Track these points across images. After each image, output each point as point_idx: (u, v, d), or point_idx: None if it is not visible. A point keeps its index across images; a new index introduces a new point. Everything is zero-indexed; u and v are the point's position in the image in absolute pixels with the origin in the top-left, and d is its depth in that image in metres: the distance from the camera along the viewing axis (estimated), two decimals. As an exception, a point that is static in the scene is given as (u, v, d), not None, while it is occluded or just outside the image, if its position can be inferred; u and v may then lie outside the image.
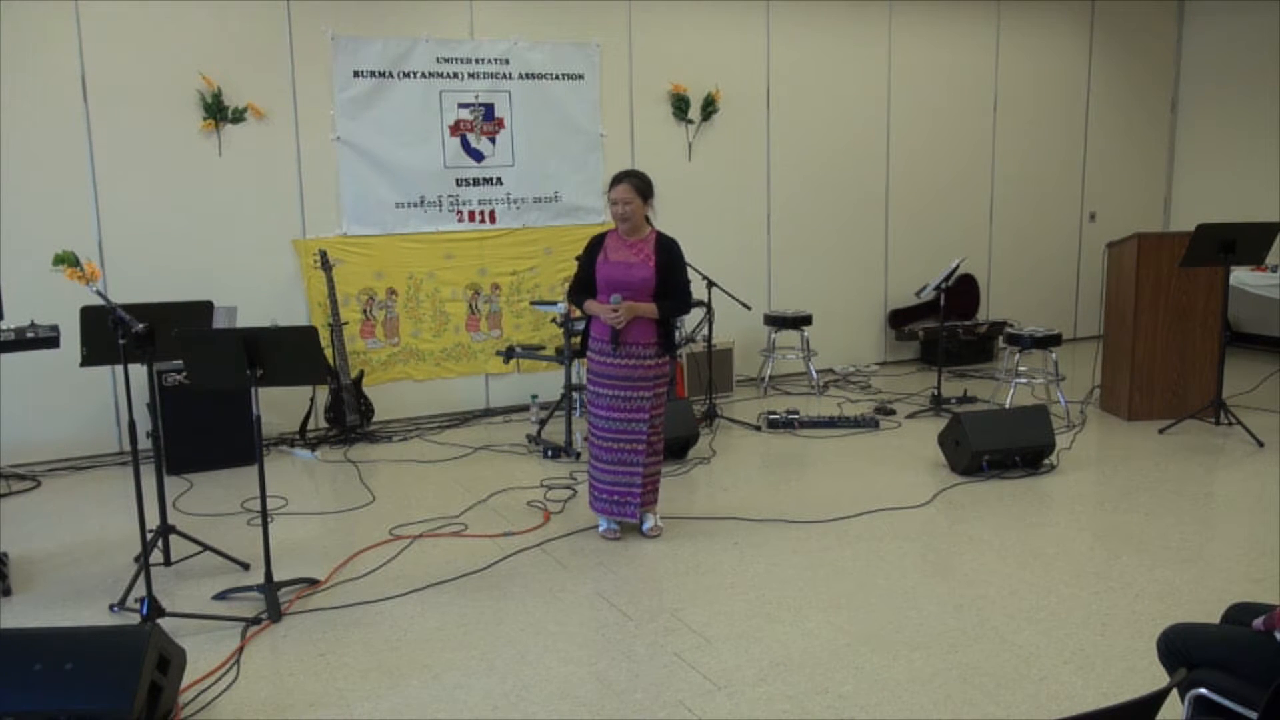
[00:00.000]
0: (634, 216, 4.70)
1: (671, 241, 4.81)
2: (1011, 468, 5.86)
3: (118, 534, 5.06)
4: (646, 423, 4.78)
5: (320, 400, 6.82)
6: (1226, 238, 6.27)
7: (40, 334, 4.97)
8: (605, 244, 4.80)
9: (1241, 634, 2.79)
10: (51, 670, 3.06)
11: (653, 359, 4.76)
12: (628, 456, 4.81)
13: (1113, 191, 9.86)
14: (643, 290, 4.68)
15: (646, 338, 4.73)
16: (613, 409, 4.77)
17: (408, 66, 6.94)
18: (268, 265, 6.74)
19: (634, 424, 4.77)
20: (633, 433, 4.78)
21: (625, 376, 4.74)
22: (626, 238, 4.77)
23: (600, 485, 4.89)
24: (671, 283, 4.75)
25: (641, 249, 4.75)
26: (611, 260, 4.74)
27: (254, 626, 4.01)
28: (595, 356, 4.79)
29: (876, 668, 3.63)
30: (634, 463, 4.82)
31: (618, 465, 4.82)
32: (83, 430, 6.38)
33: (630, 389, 4.75)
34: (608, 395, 4.77)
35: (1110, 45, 9.64)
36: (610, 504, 4.88)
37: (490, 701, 3.44)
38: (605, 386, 4.77)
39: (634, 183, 4.70)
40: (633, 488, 4.83)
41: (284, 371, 4.03)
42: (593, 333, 4.82)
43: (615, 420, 4.78)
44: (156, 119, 6.35)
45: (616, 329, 4.65)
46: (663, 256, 4.73)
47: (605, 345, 4.72)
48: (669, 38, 7.74)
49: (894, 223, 8.89)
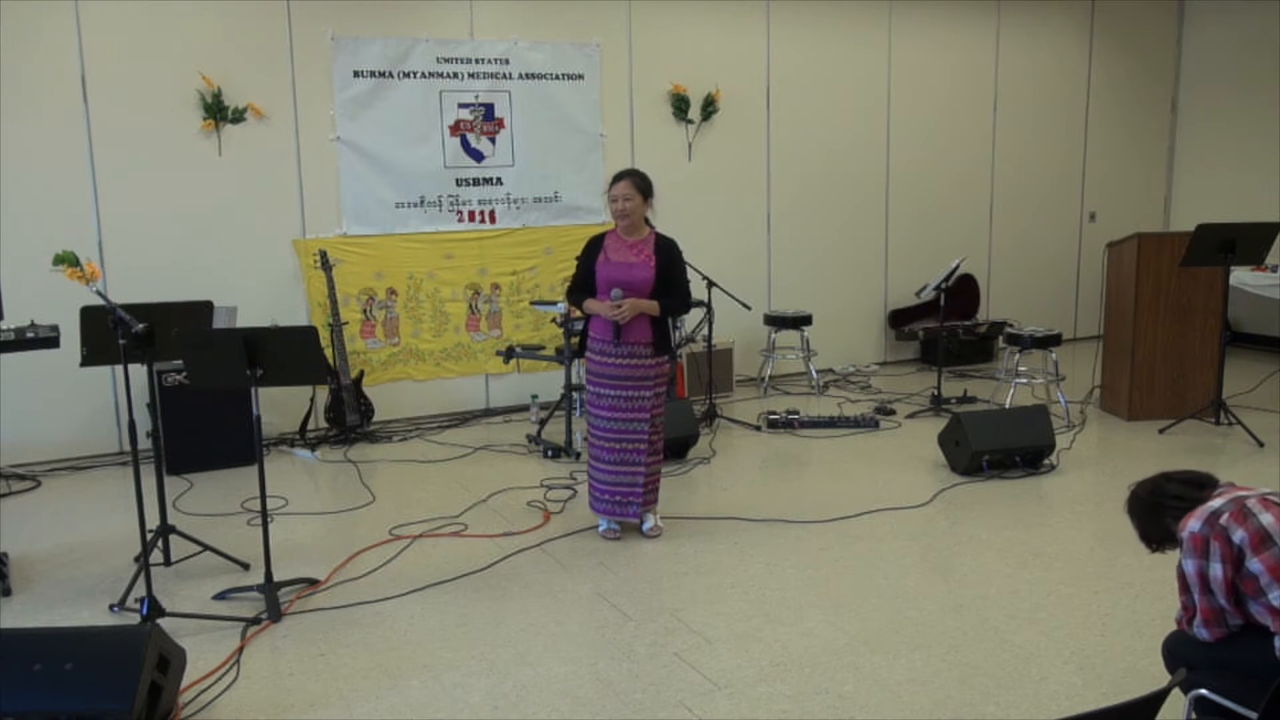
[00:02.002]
0: (634, 214, 4.70)
1: (670, 242, 4.83)
2: (1011, 468, 5.86)
3: (118, 534, 5.06)
4: (647, 422, 4.79)
5: (320, 400, 6.83)
6: (1226, 238, 6.27)
7: (40, 334, 4.97)
8: (605, 244, 4.79)
9: (1241, 636, 2.80)
10: (51, 670, 3.06)
11: (652, 358, 4.76)
12: (629, 456, 4.80)
13: (1113, 191, 9.86)
14: (643, 291, 4.69)
15: (647, 336, 4.73)
16: (614, 409, 4.77)
17: (408, 66, 6.94)
18: (268, 265, 6.74)
19: (635, 424, 4.77)
20: (634, 432, 4.78)
21: (626, 376, 4.74)
22: (626, 237, 4.77)
23: (601, 486, 4.88)
24: (672, 283, 4.76)
25: (641, 250, 4.75)
26: (612, 261, 4.74)
27: (254, 627, 4.01)
28: (595, 357, 4.79)
29: (876, 668, 3.63)
30: (635, 463, 4.81)
31: (619, 465, 4.82)
32: (83, 430, 6.38)
33: (632, 388, 4.75)
34: (609, 395, 4.76)
35: (1110, 45, 9.64)
36: (612, 504, 4.88)
37: (490, 701, 3.44)
38: (606, 386, 4.76)
39: (635, 181, 4.71)
40: (634, 488, 4.83)
41: (284, 371, 4.03)
42: (592, 332, 4.82)
43: (616, 420, 4.77)
44: (156, 119, 6.35)
45: (619, 326, 4.65)
46: (662, 257, 4.75)
47: (606, 345, 4.72)
48: (669, 38, 7.74)
49: (894, 222, 8.90)
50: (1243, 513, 2.78)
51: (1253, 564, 2.73)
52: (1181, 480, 3.00)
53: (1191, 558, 2.83)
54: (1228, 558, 2.76)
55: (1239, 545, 2.76)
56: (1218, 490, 2.93)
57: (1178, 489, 2.97)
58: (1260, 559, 2.71)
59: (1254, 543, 2.73)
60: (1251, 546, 2.73)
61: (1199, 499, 2.90)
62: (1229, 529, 2.77)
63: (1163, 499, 2.97)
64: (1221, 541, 2.77)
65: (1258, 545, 2.73)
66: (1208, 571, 2.80)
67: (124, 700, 3.01)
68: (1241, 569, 2.76)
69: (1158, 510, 2.98)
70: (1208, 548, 2.80)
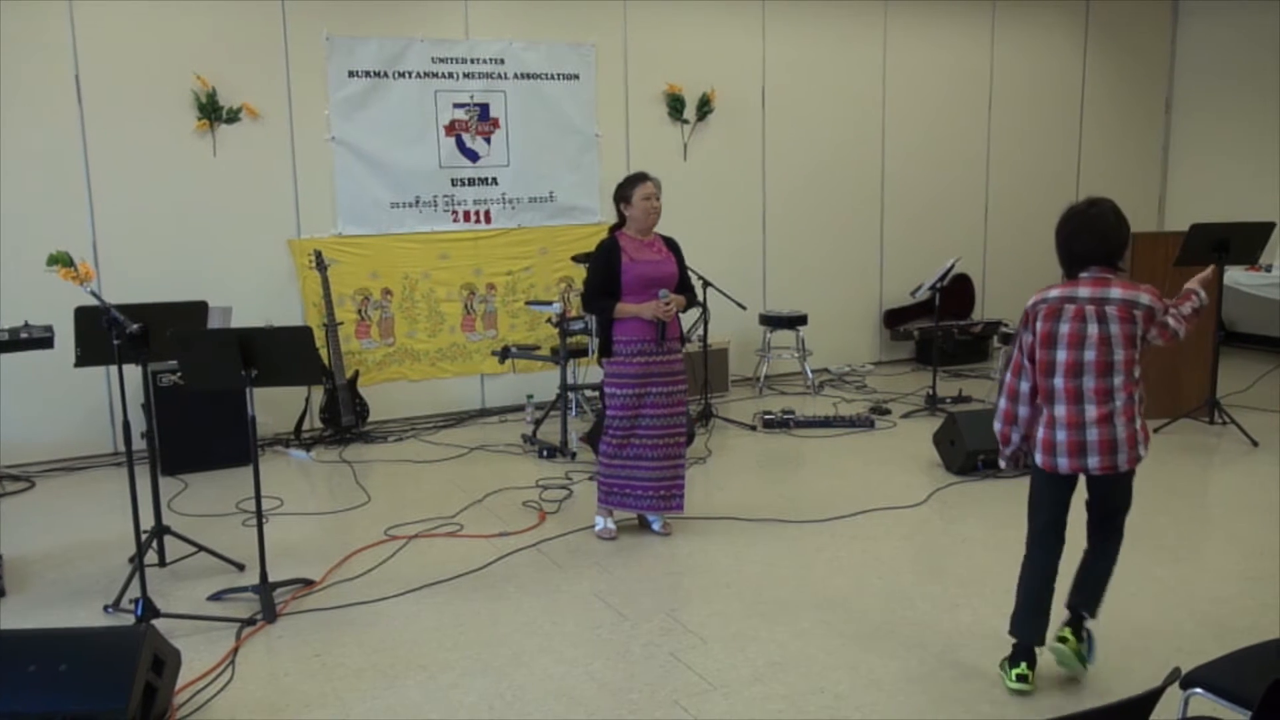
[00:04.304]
0: (660, 212, 4.84)
1: (675, 240, 4.99)
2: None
3: (112, 535, 5.05)
4: (684, 413, 4.94)
5: (315, 400, 6.81)
6: (1221, 237, 6.28)
7: (34, 334, 4.96)
8: (623, 247, 4.79)
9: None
10: (46, 671, 3.05)
11: (681, 352, 4.92)
12: (674, 450, 4.90)
13: (1107, 190, 9.68)
14: (673, 284, 4.82)
15: (678, 330, 4.88)
16: (659, 405, 4.83)
17: (403, 67, 6.93)
18: (263, 265, 6.73)
19: (678, 416, 4.90)
20: (678, 426, 4.90)
21: (670, 372, 4.85)
22: (641, 237, 4.84)
23: (646, 483, 4.88)
24: (684, 278, 4.92)
25: (659, 248, 4.88)
26: (639, 260, 4.78)
27: (249, 627, 4.00)
28: (634, 359, 4.77)
29: (871, 667, 3.63)
30: (678, 455, 4.93)
31: (665, 461, 4.88)
32: (77, 431, 6.36)
33: (673, 383, 4.87)
34: (655, 393, 4.81)
35: (1105, 44, 9.65)
36: (656, 499, 4.92)
37: (486, 702, 3.44)
38: (654, 385, 4.81)
39: (657, 181, 4.84)
40: (678, 479, 4.94)
41: (279, 372, 4.02)
42: (627, 335, 4.77)
43: (662, 416, 4.84)
44: (151, 119, 6.33)
45: (664, 324, 4.74)
46: (676, 253, 4.91)
47: (650, 344, 4.77)
48: (664, 38, 7.74)
49: (889, 222, 8.90)
50: (1054, 315, 3.33)
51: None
52: (1089, 242, 3.38)
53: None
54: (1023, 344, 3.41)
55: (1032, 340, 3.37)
56: (1088, 277, 3.34)
57: (1082, 246, 3.40)
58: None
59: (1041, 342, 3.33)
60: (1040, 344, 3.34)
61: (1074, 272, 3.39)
62: (1036, 318, 3.36)
63: (1071, 243, 3.44)
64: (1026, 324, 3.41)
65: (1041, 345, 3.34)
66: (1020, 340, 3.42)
67: (118, 701, 3.00)
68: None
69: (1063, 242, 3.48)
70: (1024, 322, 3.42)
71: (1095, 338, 3.25)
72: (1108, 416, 3.24)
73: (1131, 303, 3.27)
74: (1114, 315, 3.25)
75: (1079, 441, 3.26)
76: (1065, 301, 3.32)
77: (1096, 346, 3.24)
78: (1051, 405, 3.31)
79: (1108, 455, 3.25)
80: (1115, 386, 3.24)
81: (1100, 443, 3.25)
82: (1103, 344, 3.24)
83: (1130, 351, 3.25)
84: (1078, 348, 3.26)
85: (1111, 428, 3.24)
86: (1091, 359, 3.25)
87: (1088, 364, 3.25)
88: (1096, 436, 3.25)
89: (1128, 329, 3.24)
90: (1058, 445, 3.29)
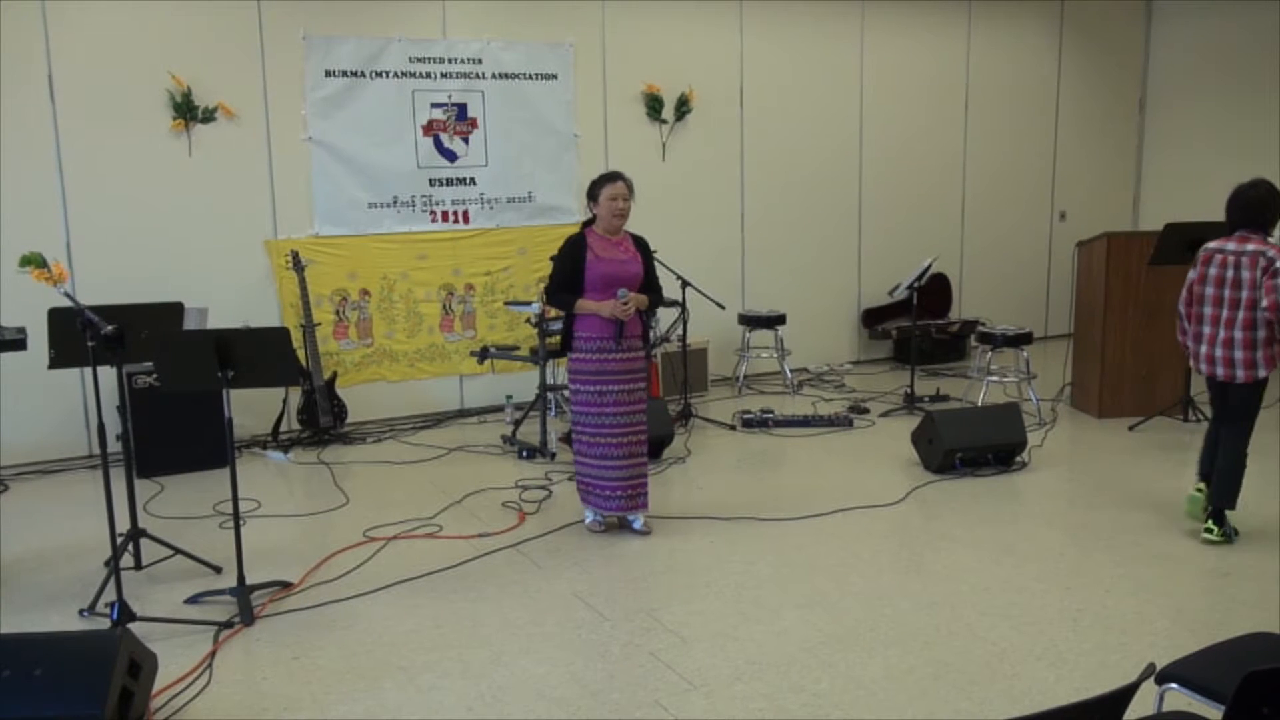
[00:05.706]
0: (628, 214, 4.86)
1: (643, 239, 5.00)
2: (984, 465, 5.90)
3: (88, 538, 5.00)
4: (644, 412, 4.96)
5: (293, 402, 6.78)
6: (1194, 237, 6.32)
7: (7, 336, 4.90)
8: (590, 244, 4.82)
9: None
10: (20, 676, 3.02)
11: (642, 350, 4.94)
12: (637, 449, 4.93)
13: (1083, 190, 9.95)
14: (637, 286, 4.85)
15: (639, 330, 4.91)
16: (619, 404, 4.85)
17: (380, 66, 6.90)
18: (239, 266, 6.68)
19: (638, 415, 4.92)
20: (638, 425, 4.93)
21: (628, 370, 4.87)
22: (611, 236, 4.86)
23: (614, 483, 4.90)
24: (651, 278, 4.94)
25: (626, 247, 4.89)
26: (604, 258, 4.80)
27: (226, 630, 3.97)
28: (593, 355, 4.82)
29: (851, 665, 3.65)
30: (640, 454, 4.95)
31: (630, 459, 4.91)
32: (52, 433, 6.30)
33: (633, 381, 4.89)
34: (614, 391, 4.84)
35: (1080, 44, 9.73)
36: (625, 499, 4.94)
37: (465, 703, 3.43)
38: (611, 383, 4.83)
39: (629, 182, 4.87)
40: (644, 477, 4.97)
41: (256, 373, 4.00)
42: (587, 332, 4.83)
43: (623, 414, 4.87)
44: (125, 119, 6.28)
45: (622, 322, 4.76)
46: (643, 253, 4.93)
47: (608, 342, 4.80)
48: (642, 38, 7.74)
49: (867, 222, 8.94)
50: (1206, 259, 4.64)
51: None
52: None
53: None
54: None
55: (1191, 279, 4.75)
56: (1237, 236, 4.59)
57: (1236, 214, 4.61)
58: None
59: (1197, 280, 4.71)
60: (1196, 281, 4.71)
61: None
62: (1198, 262, 4.71)
63: (1230, 211, 4.65)
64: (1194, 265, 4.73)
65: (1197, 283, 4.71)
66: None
67: (95, 706, 2.98)
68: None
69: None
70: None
71: (1230, 280, 4.51)
72: (1229, 341, 4.52)
73: (1260, 253, 4.43)
74: (1246, 264, 4.45)
75: (1208, 354, 4.62)
76: (1217, 252, 4.61)
77: (1230, 286, 4.51)
78: (1198, 324, 4.68)
79: (1225, 367, 4.56)
80: (1238, 319, 4.48)
81: (1221, 358, 4.56)
82: (1235, 286, 4.49)
83: (1254, 294, 4.42)
84: (1217, 285, 4.57)
85: (1229, 349, 4.52)
86: (1224, 295, 4.53)
87: (1220, 298, 4.55)
88: (1219, 353, 4.56)
89: (1254, 275, 4.41)
90: (1197, 355, 4.69)
